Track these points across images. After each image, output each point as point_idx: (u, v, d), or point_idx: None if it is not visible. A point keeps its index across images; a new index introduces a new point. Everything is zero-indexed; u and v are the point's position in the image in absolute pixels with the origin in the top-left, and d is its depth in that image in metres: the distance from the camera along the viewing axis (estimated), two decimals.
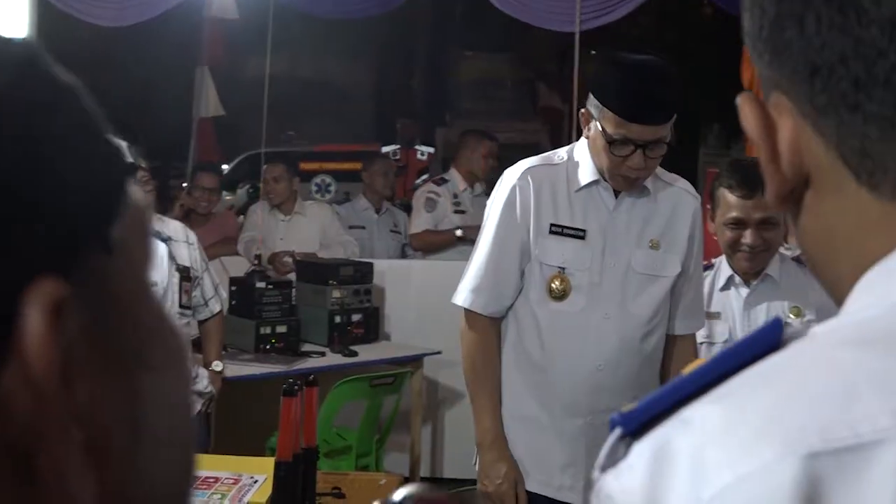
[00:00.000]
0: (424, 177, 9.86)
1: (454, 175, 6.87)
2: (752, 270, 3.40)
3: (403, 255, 7.05)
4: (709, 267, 3.57)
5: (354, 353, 5.55)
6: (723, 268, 3.50)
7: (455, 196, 6.74)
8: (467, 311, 3.03)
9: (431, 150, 10.43)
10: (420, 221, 6.87)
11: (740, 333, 3.44)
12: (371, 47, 14.34)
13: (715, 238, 3.44)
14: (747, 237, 3.28)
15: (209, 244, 6.20)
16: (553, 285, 2.94)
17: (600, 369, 2.94)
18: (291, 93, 9.42)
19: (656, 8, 6.82)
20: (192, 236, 4.47)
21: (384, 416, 5.46)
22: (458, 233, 6.53)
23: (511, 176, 2.98)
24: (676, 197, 3.07)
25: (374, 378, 5.19)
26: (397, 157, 10.17)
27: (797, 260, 3.50)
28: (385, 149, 10.42)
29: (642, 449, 0.63)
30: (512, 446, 3.04)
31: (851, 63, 0.65)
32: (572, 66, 6.62)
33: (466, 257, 3.16)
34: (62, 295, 0.46)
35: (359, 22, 9.21)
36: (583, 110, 2.90)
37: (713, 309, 3.50)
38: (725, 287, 3.48)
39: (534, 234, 2.93)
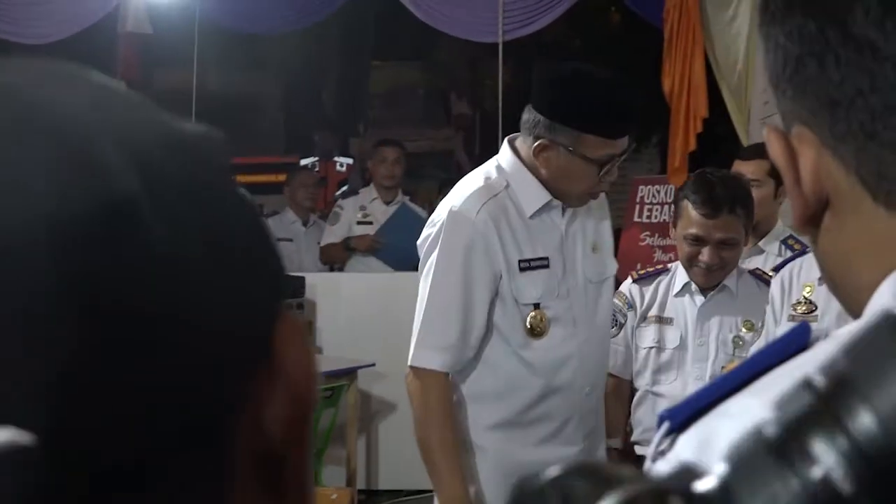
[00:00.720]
0: (345, 188, 9.86)
1: (371, 187, 6.90)
2: (706, 285, 3.43)
3: (332, 268, 7.05)
4: (664, 271, 3.64)
5: None
6: (679, 273, 3.53)
7: (363, 208, 6.73)
8: (424, 371, 2.71)
9: (350, 160, 10.42)
10: (326, 234, 6.90)
11: (691, 341, 3.48)
12: (280, 59, 14.26)
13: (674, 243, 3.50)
14: (705, 255, 3.30)
15: None
16: (532, 323, 2.76)
17: (588, 394, 2.86)
18: (207, 106, 9.33)
19: (565, 15, 6.88)
20: None
21: (321, 430, 5.46)
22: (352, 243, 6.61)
23: (465, 215, 2.67)
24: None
25: None
26: (317, 169, 10.15)
27: (754, 274, 3.57)
28: (304, 161, 10.39)
29: (688, 439, 0.69)
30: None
31: (868, 96, 0.71)
32: (485, 74, 6.70)
33: (390, 269, 3.01)
34: (299, 327, 0.52)
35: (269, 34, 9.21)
36: (539, 142, 2.68)
37: (666, 314, 3.54)
38: (680, 293, 3.52)
39: (507, 275, 2.72)
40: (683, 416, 0.70)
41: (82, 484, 0.42)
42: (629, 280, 3.72)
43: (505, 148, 2.81)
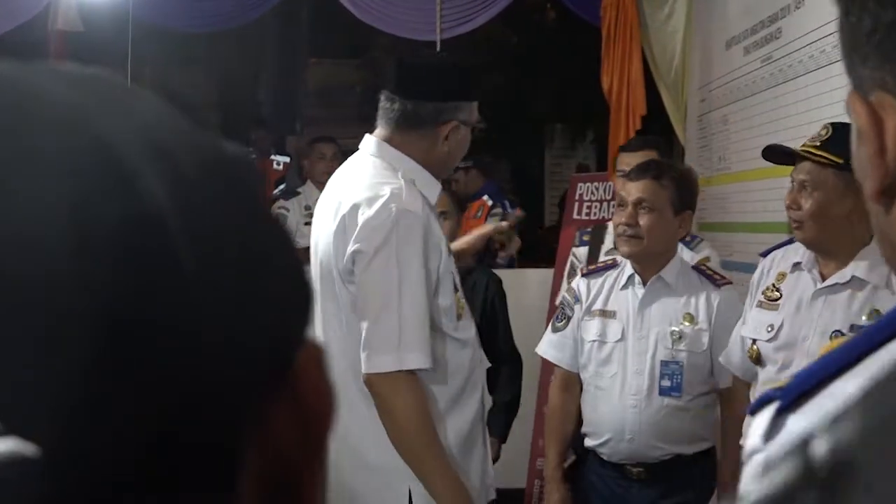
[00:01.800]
0: (282, 186, 9.77)
1: (309, 185, 6.85)
2: (626, 254, 3.52)
3: None
4: (613, 266, 3.68)
5: None
6: (626, 268, 3.60)
7: (307, 208, 6.62)
8: (404, 374, 2.66)
9: (287, 159, 10.31)
10: None
11: (632, 333, 3.52)
12: (216, 57, 14.15)
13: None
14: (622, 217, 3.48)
15: None
16: (458, 305, 2.84)
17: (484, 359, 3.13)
18: None
19: (502, 13, 6.89)
20: None
21: None
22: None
23: (411, 211, 2.70)
24: None
25: None
26: None
27: (698, 269, 3.63)
28: None
29: (798, 419, 0.70)
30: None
31: None
32: None
33: None
34: (321, 353, 0.52)
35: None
36: (450, 125, 2.83)
37: (609, 307, 3.59)
38: (625, 286, 3.58)
39: (447, 261, 2.81)
40: (793, 396, 0.71)
41: (85, 500, 0.41)
42: (579, 274, 3.81)
43: (385, 147, 2.85)
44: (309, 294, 0.52)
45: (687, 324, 3.48)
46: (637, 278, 3.56)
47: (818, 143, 2.96)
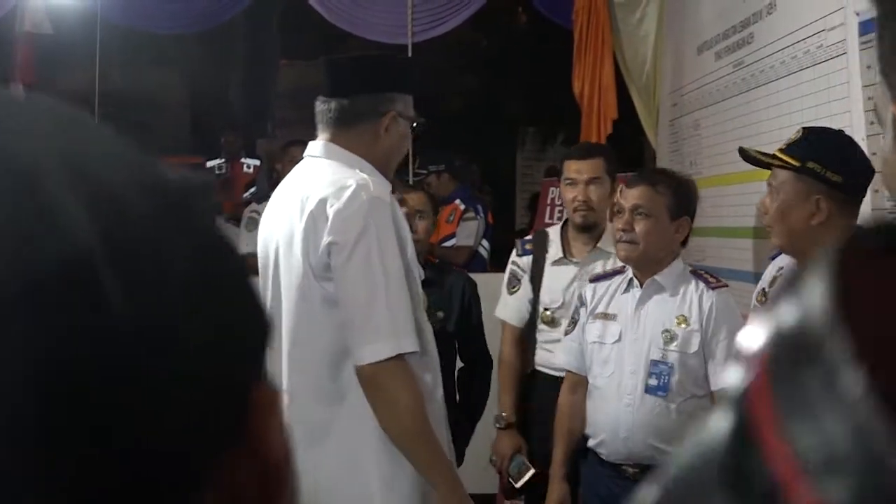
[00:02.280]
0: (252, 189, 9.72)
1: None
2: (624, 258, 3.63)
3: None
4: (620, 272, 3.77)
5: None
6: (629, 273, 3.70)
7: None
8: (401, 360, 2.68)
9: (257, 162, 10.26)
10: (244, 242, 6.77)
11: (629, 334, 3.61)
12: (184, 58, 14.06)
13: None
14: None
15: None
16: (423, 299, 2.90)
17: None
18: (109, 106, 9.21)
19: (473, 16, 6.89)
20: None
21: None
22: None
23: (382, 200, 2.74)
24: None
25: None
26: (223, 171, 9.99)
27: (696, 273, 3.67)
28: (210, 163, 10.21)
29: None
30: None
31: None
32: None
33: None
34: (276, 397, 0.49)
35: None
36: (389, 115, 2.86)
37: (610, 310, 3.69)
38: (626, 290, 3.69)
39: (412, 252, 2.84)
40: None
41: None
42: (587, 280, 3.91)
43: (332, 148, 2.86)
44: (265, 329, 0.49)
45: (679, 325, 3.54)
46: (635, 281, 3.66)
47: (783, 146, 2.98)
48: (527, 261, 4.45)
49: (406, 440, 2.71)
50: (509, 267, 4.53)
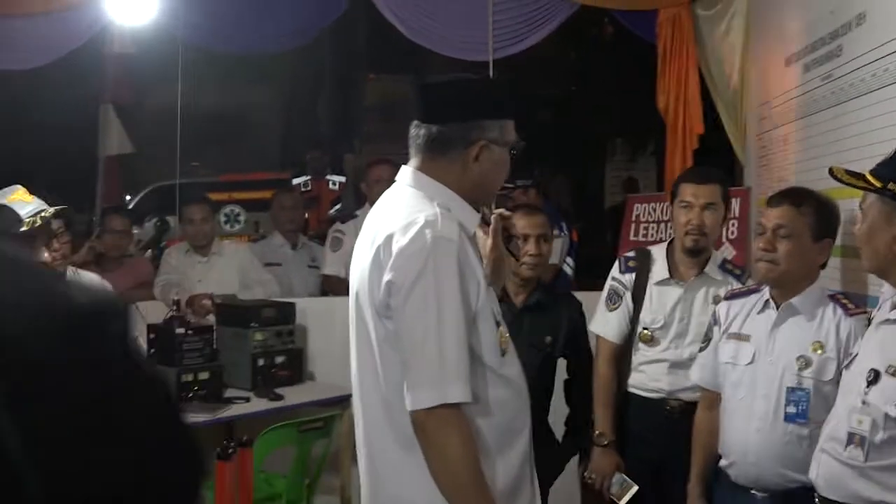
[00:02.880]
0: (338, 206, 9.74)
1: (367, 208, 6.77)
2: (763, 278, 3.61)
3: (324, 291, 6.92)
4: (756, 291, 3.78)
5: (280, 397, 5.43)
6: (766, 293, 3.67)
7: None
8: (449, 409, 2.55)
9: (343, 179, 10.31)
10: (328, 262, 6.77)
11: (762, 357, 3.58)
12: (274, 75, 14.20)
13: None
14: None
15: (123, 289, 6.04)
16: (501, 340, 2.75)
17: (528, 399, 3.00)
18: (195, 124, 9.34)
19: (558, 28, 6.80)
20: (108, 287, 4.31)
21: (313, 460, 5.34)
22: None
23: (448, 238, 2.61)
24: None
25: (302, 423, 5.07)
26: (308, 188, 10.05)
27: (834, 298, 3.59)
28: (296, 180, 10.30)
29: None
30: None
31: None
32: None
33: None
34: None
35: None
36: (479, 144, 2.74)
37: (744, 331, 3.68)
38: (762, 311, 3.65)
39: (485, 293, 2.69)
40: None
41: None
42: (723, 298, 3.94)
43: (419, 176, 2.79)
44: (198, 474, 0.43)
45: (815, 351, 3.48)
46: (772, 303, 3.61)
47: (874, 166, 2.86)
48: (629, 278, 4.43)
49: (450, 490, 2.61)
50: (610, 283, 4.50)
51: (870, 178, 2.80)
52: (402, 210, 2.71)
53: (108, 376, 0.41)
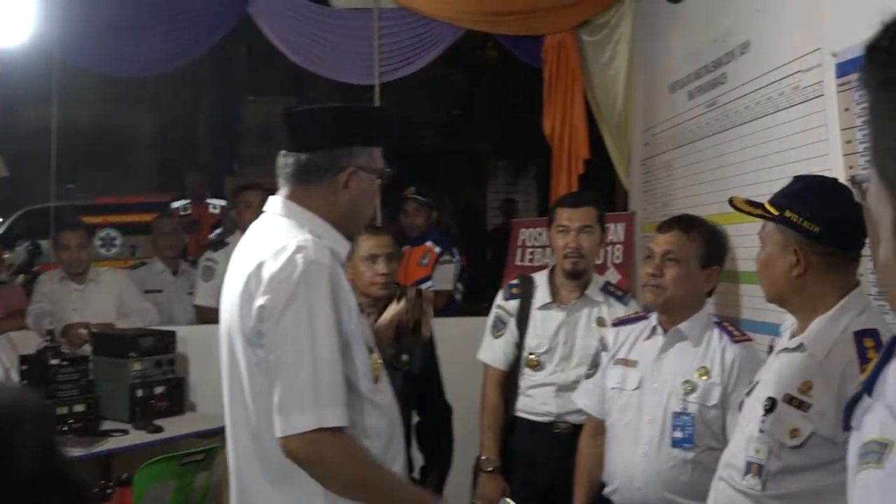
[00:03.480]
0: (219, 230, 9.56)
1: (238, 236, 6.64)
2: (651, 303, 3.64)
3: (200, 318, 6.74)
4: (644, 318, 3.81)
5: (160, 429, 5.27)
6: (653, 319, 3.71)
7: None
8: (325, 433, 2.48)
9: (223, 202, 10.12)
10: (200, 292, 6.60)
11: (648, 382, 3.59)
12: (153, 96, 13.93)
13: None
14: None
15: None
16: (374, 367, 2.72)
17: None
18: (71, 145, 9.10)
19: (445, 52, 6.78)
20: None
21: (195, 492, 5.18)
22: None
23: (321, 262, 2.58)
24: None
25: (183, 456, 4.92)
26: (188, 211, 9.85)
27: (720, 325, 3.63)
28: (175, 204, 10.08)
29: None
30: None
31: None
32: None
33: None
34: None
35: None
36: (348, 170, 2.72)
37: (632, 357, 3.69)
38: (649, 337, 3.69)
39: (357, 320, 2.67)
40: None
41: None
42: (610, 324, 3.98)
43: (289, 205, 2.76)
44: None
45: (701, 377, 3.51)
46: (660, 329, 3.64)
47: (773, 196, 2.88)
48: (514, 304, 4.47)
49: (355, 496, 2.60)
50: (495, 310, 4.53)
51: (768, 206, 2.81)
52: (273, 238, 2.66)
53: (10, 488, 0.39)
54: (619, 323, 3.88)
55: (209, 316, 6.30)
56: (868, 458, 1.04)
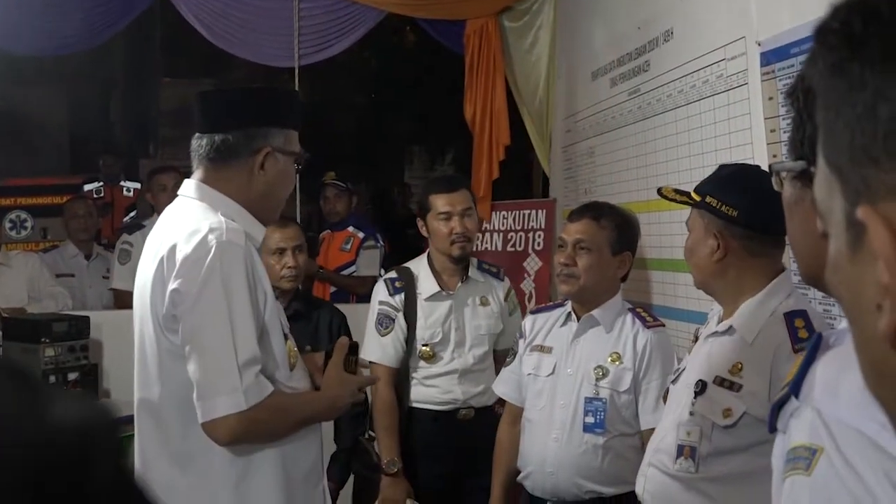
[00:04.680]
0: (133, 213, 9.40)
1: (155, 218, 6.53)
2: (565, 292, 3.66)
3: (117, 302, 6.63)
4: (560, 305, 3.83)
5: None
6: (568, 306, 3.74)
7: None
8: (244, 416, 2.47)
9: (137, 185, 9.94)
10: (116, 276, 6.49)
11: (562, 368, 3.63)
12: (65, 75, 13.64)
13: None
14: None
15: None
16: (290, 354, 2.71)
17: None
18: None
19: (365, 35, 6.72)
20: None
21: None
22: None
23: (236, 244, 2.55)
24: None
25: None
26: (101, 194, 9.67)
27: (634, 311, 3.68)
28: (88, 186, 9.89)
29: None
30: None
31: None
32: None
33: None
34: None
35: None
36: (263, 151, 2.70)
37: (547, 343, 3.73)
38: (564, 324, 3.73)
39: (272, 305, 2.64)
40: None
41: None
42: (528, 312, 3.99)
43: (203, 188, 2.71)
44: None
45: (613, 362, 3.55)
46: (573, 315, 3.68)
47: (698, 183, 2.91)
48: (399, 299, 4.40)
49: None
50: (379, 308, 4.42)
51: (693, 194, 2.85)
52: (186, 221, 2.62)
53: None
54: (537, 311, 3.91)
55: (127, 299, 6.15)
56: (796, 463, 1.03)
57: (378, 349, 4.34)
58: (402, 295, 4.38)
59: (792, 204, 1.36)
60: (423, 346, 4.32)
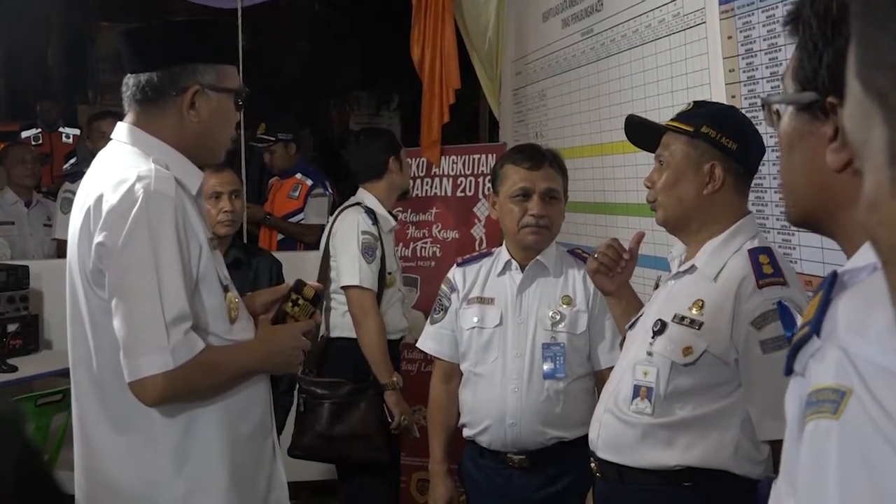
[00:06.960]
0: (73, 160, 9.19)
1: None
2: (537, 246, 3.53)
3: (60, 252, 6.47)
4: (488, 255, 3.74)
5: (14, 368, 5.04)
6: (501, 254, 3.65)
7: None
8: (171, 374, 2.36)
9: (77, 131, 9.71)
10: (59, 225, 6.35)
11: (511, 318, 3.55)
12: None
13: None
14: (534, 207, 3.48)
15: None
16: (230, 307, 2.58)
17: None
18: None
19: None
20: None
21: (52, 434, 4.97)
22: None
23: (164, 194, 2.41)
24: None
25: (39, 397, 4.71)
26: (40, 141, 9.43)
27: (573, 253, 3.65)
28: (25, 133, 9.64)
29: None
30: None
31: None
32: None
33: None
34: None
35: None
36: (192, 90, 2.56)
37: (486, 294, 3.62)
38: (502, 273, 3.62)
39: (207, 255, 2.51)
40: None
41: None
42: (454, 265, 3.82)
43: (135, 132, 2.57)
44: None
45: (565, 306, 3.51)
46: (514, 263, 3.59)
47: (674, 117, 2.82)
48: (376, 229, 4.56)
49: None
50: (364, 237, 4.52)
51: (679, 124, 2.73)
52: (115, 168, 2.48)
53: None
54: (464, 263, 3.77)
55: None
56: (821, 406, 0.95)
57: (369, 276, 4.52)
58: (377, 227, 4.58)
59: (795, 139, 1.26)
60: (389, 273, 4.61)
